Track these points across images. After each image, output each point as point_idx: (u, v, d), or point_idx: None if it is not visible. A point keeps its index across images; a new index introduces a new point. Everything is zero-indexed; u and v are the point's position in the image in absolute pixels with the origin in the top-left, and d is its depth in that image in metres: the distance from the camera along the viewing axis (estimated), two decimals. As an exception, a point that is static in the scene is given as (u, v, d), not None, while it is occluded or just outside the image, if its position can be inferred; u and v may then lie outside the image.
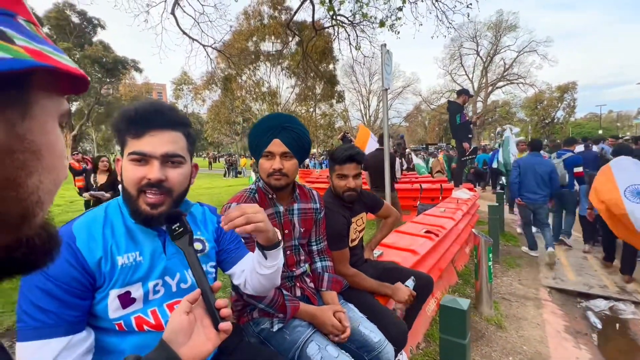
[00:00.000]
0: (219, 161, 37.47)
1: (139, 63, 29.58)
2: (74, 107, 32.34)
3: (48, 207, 0.29)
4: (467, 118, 5.73)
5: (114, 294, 0.81)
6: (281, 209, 1.34)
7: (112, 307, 0.81)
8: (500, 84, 34.62)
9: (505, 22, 31.89)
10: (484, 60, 33.89)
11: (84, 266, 0.78)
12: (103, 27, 28.88)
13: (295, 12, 10.46)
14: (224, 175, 20.88)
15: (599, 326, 2.87)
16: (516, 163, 4.53)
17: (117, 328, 0.82)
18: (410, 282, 1.67)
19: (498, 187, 8.54)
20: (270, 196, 1.33)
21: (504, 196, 6.01)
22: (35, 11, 25.40)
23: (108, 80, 29.20)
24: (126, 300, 0.83)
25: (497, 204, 4.58)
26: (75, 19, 27.50)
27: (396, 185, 6.88)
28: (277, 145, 1.25)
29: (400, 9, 7.82)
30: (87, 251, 0.79)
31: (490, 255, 2.86)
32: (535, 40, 31.63)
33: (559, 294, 3.44)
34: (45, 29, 26.09)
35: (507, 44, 32.78)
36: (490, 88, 34.76)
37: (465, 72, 35.26)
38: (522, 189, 4.32)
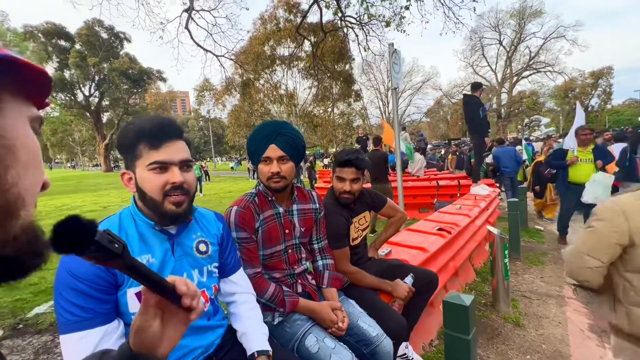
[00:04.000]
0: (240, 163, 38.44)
1: (163, 73, 30.90)
2: (105, 117, 34.45)
3: (31, 208, 0.31)
4: (486, 112, 5.60)
5: (131, 292, 0.92)
6: (281, 210, 1.42)
7: (131, 303, 0.92)
8: (526, 73, 33.00)
9: (530, 9, 30.40)
10: (508, 49, 32.46)
11: None
12: (129, 41, 30.41)
13: (304, 17, 10.62)
14: (250, 178, 21.34)
15: (628, 325, 2.73)
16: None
17: None
18: (409, 279, 1.70)
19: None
20: (269, 198, 1.41)
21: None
22: (68, 29, 27.30)
23: (135, 90, 30.71)
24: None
25: (517, 199, 4.42)
26: (104, 34, 29.18)
27: (415, 183, 6.89)
28: (273, 150, 1.33)
29: (407, 7, 7.81)
30: None
31: (506, 252, 2.79)
32: (563, 25, 30.00)
33: (586, 292, 3.28)
34: (77, 46, 27.88)
35: (533, 31, 31.28)
36: (515, 78, 33.21)
37: (488, 63, 33.96)
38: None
